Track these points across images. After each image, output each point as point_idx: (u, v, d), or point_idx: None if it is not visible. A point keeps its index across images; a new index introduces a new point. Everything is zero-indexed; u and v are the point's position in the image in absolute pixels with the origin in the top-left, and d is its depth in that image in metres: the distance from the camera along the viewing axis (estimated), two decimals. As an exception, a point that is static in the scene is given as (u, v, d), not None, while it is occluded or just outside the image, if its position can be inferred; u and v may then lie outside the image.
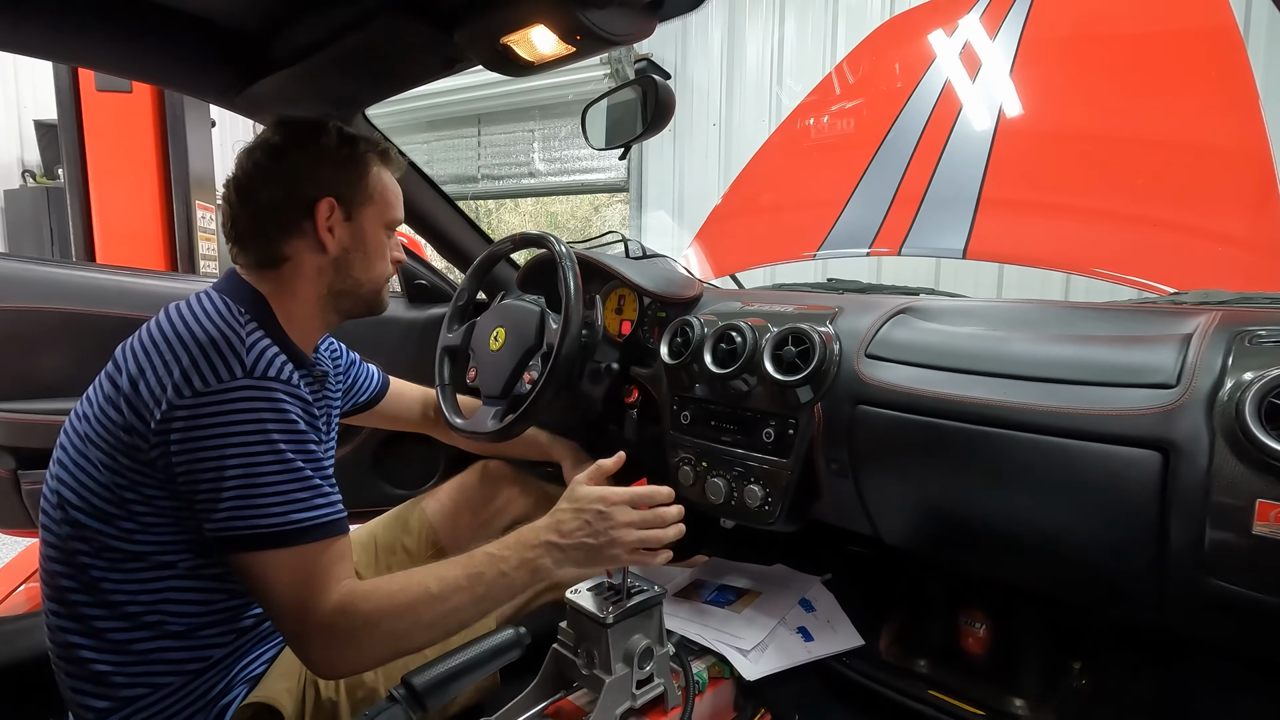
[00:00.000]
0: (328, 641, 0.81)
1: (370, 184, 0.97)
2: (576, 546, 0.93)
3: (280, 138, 0.94)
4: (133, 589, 0.84)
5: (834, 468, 1.07)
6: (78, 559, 0.84)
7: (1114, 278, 1.19)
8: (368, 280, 1.00)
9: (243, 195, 0.94)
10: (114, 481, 0.82)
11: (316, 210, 0.93)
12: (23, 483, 1.47)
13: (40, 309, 1.42)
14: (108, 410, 0.83)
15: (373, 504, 1.66)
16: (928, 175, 1.48)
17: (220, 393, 0.79)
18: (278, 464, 0.80)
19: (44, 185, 4.42)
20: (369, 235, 0.98)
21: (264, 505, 0.79)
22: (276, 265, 0.94)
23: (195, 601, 0.87)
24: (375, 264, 1.00)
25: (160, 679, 0.86)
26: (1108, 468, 0.77)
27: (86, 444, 0.84)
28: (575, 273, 1.24)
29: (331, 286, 0.97)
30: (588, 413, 1.44)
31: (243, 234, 0.94)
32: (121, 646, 0.85)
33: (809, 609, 1.25)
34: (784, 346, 1.09)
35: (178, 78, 1.14)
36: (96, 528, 0.83)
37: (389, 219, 1.01)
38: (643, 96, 1.12)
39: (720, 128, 4.34)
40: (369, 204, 0.98)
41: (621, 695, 0.92)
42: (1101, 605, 0.99)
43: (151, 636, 0.85)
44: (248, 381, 0.81)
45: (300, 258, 0.95)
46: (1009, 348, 0.94)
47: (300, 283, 0.95)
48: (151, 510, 0.82)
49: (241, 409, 0.79)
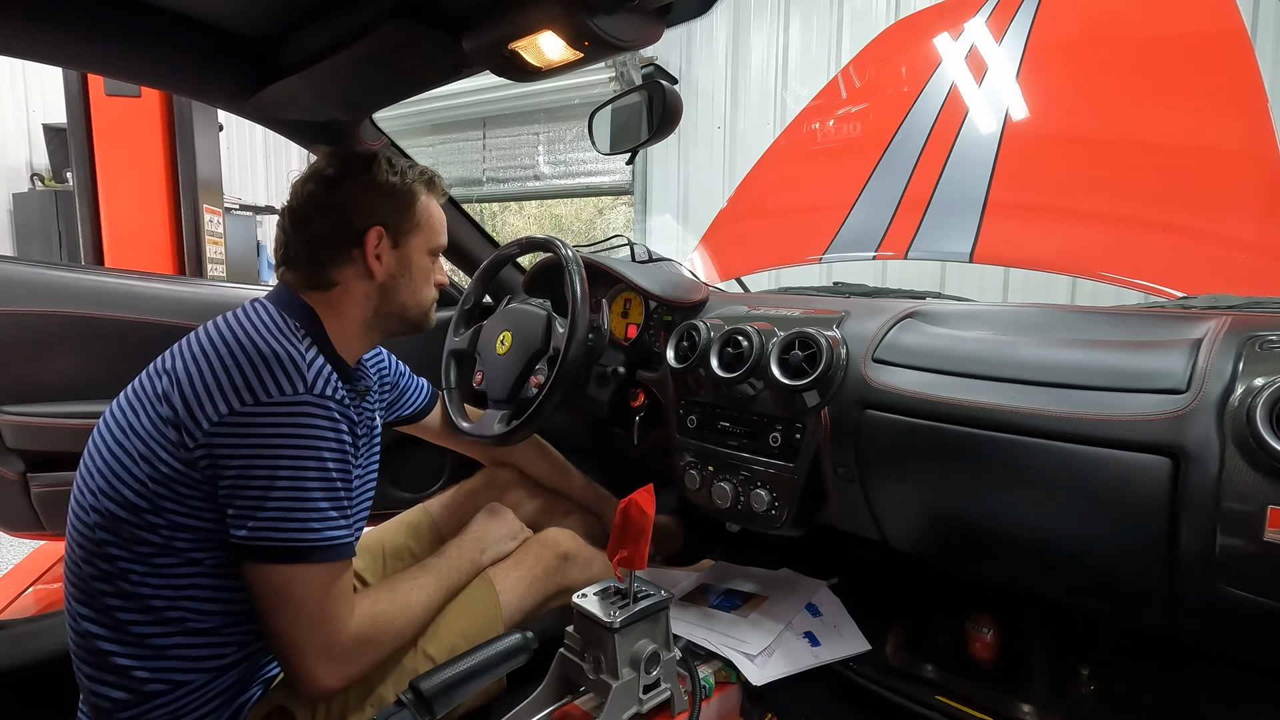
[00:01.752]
0: (344, 657, 0.87)
1: (418, 213, 1.02)
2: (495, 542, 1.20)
3: (333, 169, 0.99)
4: (158, 583, 0.85)
5: (841, 472, 1.06)
6: (106, 550, 0.86)
7: (1122, 281, 1.18)
8: (414, 304, 1.05)
9: (296, 223, 0.99)
10: (150, 475, 0.84)
11: (366, 239, 0.98)
12: (32, 486, 1.48)
13: (48, 313, 1.43)
14: (156, 405, 0.86)
15: (380, 507, 1.66)
16: (934, 179, 1.47)
17: (284, 405, 0.83)
18: (323, 482, 0.85)
19: (52, 189, 4.44)
20: (415, 261, 1.03)
21: (306, 519, 0.83)
22: (326, 288, 0.99)
23: (217, 600, 0.88)
24: (421, 288, 1.05)
25: (179, 675, 0.87)
26: (1117, 473, 0.77)
27: (127, 435, 0.86)
28: (582, 277, 1.24)
29: (378, 310, 1.02)
30: (593, 416, 1.44)
31: (295, 259, 0.99)
32: (143, 640, 0.86)
33: (815, 613, 1.25)
34: (790, 351, 1.09)
35: (187, 83, 1.15)
36: (127, 519, 0.85)
37: (434, 245, 1.06)
38: (649, 101, 1.12)
39: (725, 130, 4.35)
40: (415, 232, 1.03)
41: (628, 700, 0.92)
42: (1111, 610, 0.99)
43: (173, 632, 0.86)
44: (310, 398, 0.85)
45: (349, 283, 0.99)
46: (1016, 352, 0.94)
47: (348, 305, 1.00)
48: (183, 510, 0.84)
49: (302, 424, 0.84)
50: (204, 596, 0.87)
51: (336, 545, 0.85)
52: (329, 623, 0.85)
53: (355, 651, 0.88)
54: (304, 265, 0.99)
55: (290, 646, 0.85)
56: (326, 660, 0.85)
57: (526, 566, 1.17)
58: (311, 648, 0.84)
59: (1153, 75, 1.37)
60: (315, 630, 0.84)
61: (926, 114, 1.58)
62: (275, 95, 1.06)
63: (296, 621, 0.84)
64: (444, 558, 1.11)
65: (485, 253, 1.68)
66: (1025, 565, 0.95)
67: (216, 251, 2.85)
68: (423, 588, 1.02)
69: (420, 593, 1.01)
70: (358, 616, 0.88)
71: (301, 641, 0.84)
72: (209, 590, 0.88)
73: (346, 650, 0.87)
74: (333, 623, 0.85)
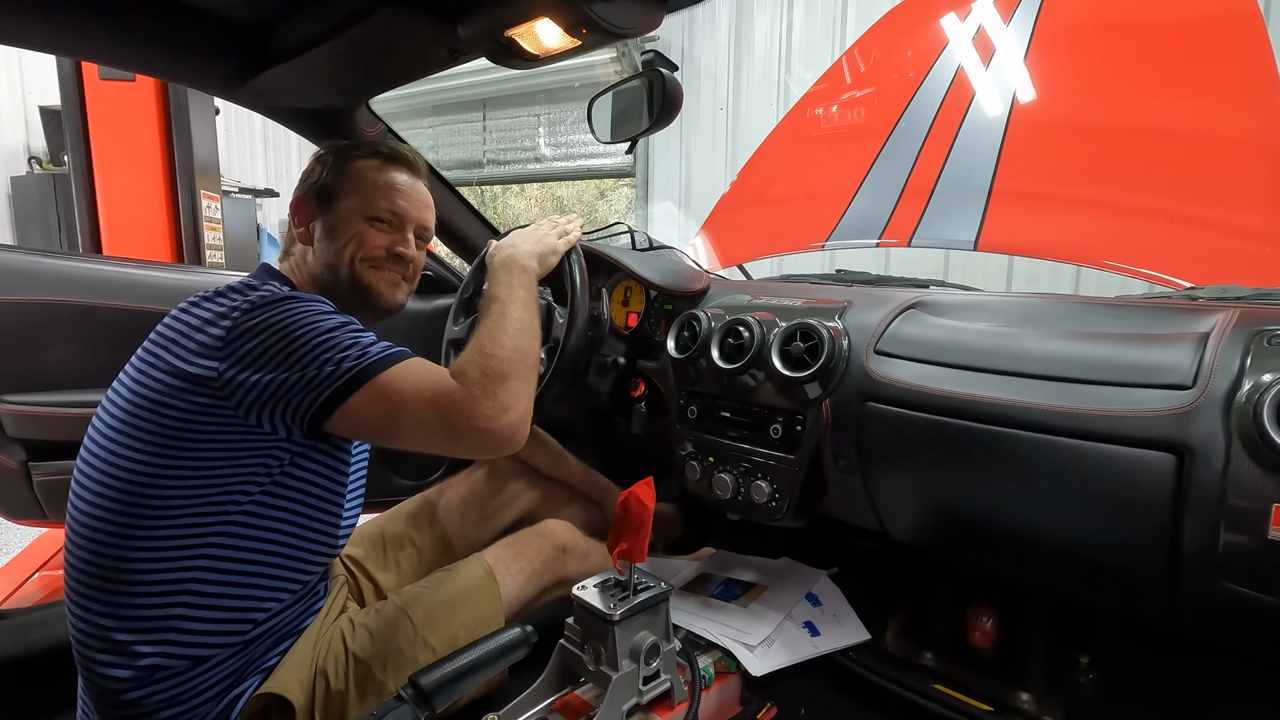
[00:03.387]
0: (472, 393, 0.87)
1: (351, 177, 1.04)
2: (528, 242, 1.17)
3: None
4: (160, 565, 0.86)
5: (842, 464, 1.06)
6: (107, 533, 0.86)
7: (1129, 271, 1.17)
8: (342, 266, 1.04)
9: None
10: (163, 447, 0.85)
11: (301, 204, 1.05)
12: (34, 474, 1.48)
13: (46, 301, 1.42)
14: (157, 366, 0.87)
15: (380, 494, 1.67)
16: (939, 165, 1.45)
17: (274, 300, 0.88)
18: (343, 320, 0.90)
19: (50, 172, 4.41)
20: (342, 224, 1.04)
21: (349, 345, 0.86)
22: (286, 258, 1.07)
23: (216, 590, 0.89)
24: (345, 250, 1.04)
25: (181, 650, 0.88)
26: (1120, 470, 0.76)
27: (130, 413, 0.87)
28: (582, 266, 1.23)
29: (314, 278, 1.05)
30: (594, 406, 1.43)
31: None
32: (142, 614, 0.86)
33: (815, 603, 1.25)
34: (792, 342, 1.08)
35: (181, 70, 1.13)
36: (130, 495, 0.85)
37: (370, 211, 1.05)
38: (649, 89, 1.10)
39: (728, 112, 4.30)
40: (346, 196, 1.04)
41: (628, 691, 0.93)
42: (1110, 603, 0.99)
43: (174, 604, 0.87)
44: (298, 293, 0.92)
45: (295, 248, 1.06)
46: (1020, 345, 0.93)
47: (295, 270, 1.05)
48: (195, 473, 0.85)
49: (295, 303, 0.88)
50: (204, 587, 0.88)
51: (388, 354, 0.87)
52: (438, 386, 0.87)
53: (471, 390, 0.87)
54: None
55: (436, 438, 0.88)
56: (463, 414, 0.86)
57: (527, 559, 1.17)
58: (447, 416, 0.86)
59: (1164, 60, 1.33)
60: (434, 403, 0.86)
61: (932, 98, 1.55)
62: (269, 82, 1.04)
63: (421, 409, 0.86)
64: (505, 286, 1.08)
65: (483, 238, 1.67)
66: (1026, 559, 0.95)
67: (215, 238, 2.82)
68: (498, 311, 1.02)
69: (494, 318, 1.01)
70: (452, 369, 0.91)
71: (436, 423, 0.86)
72: (209, 579, 0.88)
73: (466, 393, 0.87)
74: (440, 384, 0.87)
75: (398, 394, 0.86)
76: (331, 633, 1.00)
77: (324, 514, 0.98)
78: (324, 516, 0.98)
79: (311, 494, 0.95)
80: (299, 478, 0.94)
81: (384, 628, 1.01)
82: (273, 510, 0.92)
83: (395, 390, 0.86)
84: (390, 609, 1.04)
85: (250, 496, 0.89)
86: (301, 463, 0.93)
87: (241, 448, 0.87)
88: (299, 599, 0.98)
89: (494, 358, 0.92)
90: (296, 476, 0.93)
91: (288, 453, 0.90)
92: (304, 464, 0.94)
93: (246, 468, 0.88)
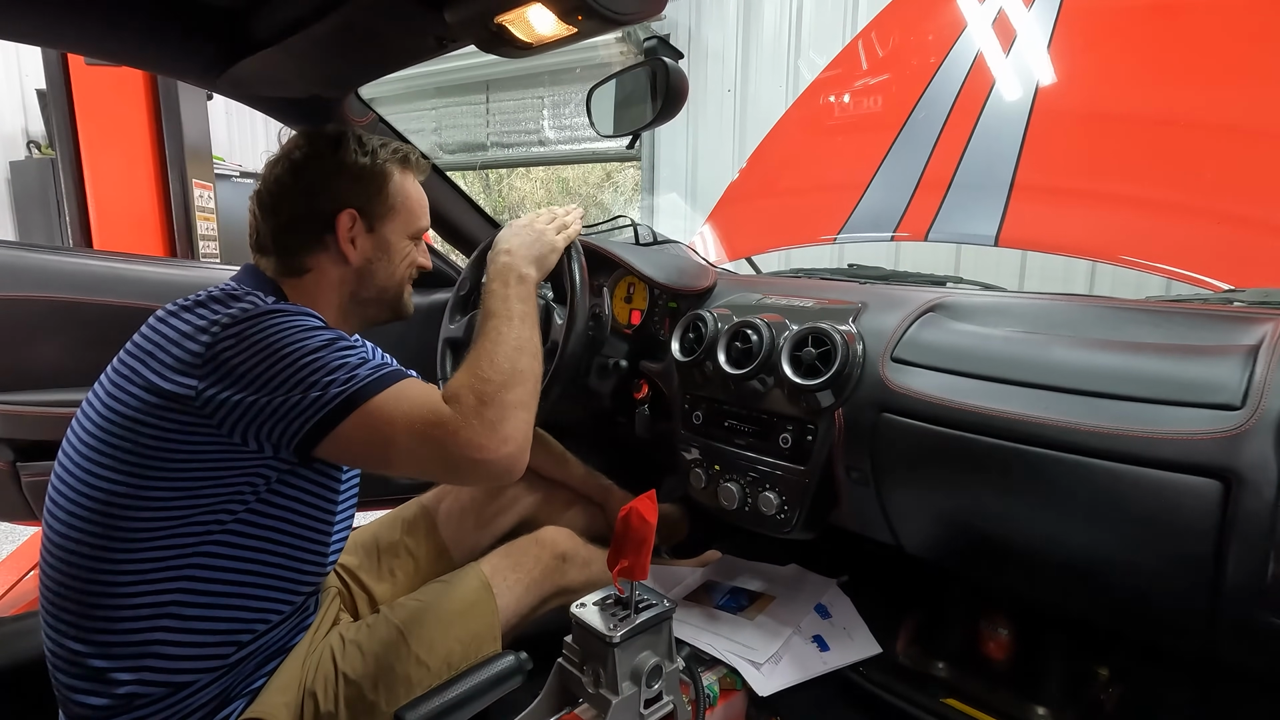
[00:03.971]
0: (466, 422, 0.82)
1: (392, 195, 0.98)
2: (525, 246, 1.07)
3: (300, 151, 0.95)
4: (138, 581, 0.82)
5: (855, 476, 1.01)
6: (84, 548, 0.82)
7: (1166, 272, 1.10)
8: (393, 287, 1.02)
9: (265, 209, 0.96)
10: (140, 467, 0.80)
11: (337, 223, 0.94)
12: (23, 475, 1.45)
13: (31, 298, 1.38)
14: (132, 381, 0.82)
15: (376, 494, 1.63)
16: (957, 156, 1.38)
17: (257, 314, 0.82)
18: (330, 340, 0.83)
19: (49, 156, 4.35)
20: (394, 245, 1.00)
21: (337, 369, 0.81)
22: (299, 274, 0.96)
23: (199, 614, 0.85)
24: (399, 272, 1.02)
25: (160, 677, 0.84)
26: (1159, 496, 0.71)
27: (106, 430, 0.82)
28: (581, 265, 1.17)
29: (355, 295, 0.99)
30: (595, 408, 1.38)
31: (265, 245, 0.96)
32: (122, 639, 0.82)
33: (825, 615, 1.21)
34: (803, 347, 1.03)
35: (156, 59, 1.07)
36: (107, 515, 0.81)
37: (414, 229, 1.02)
38: (652, 78, 1.03)
39: (735, 94, 4.19)
40: (391, 216, 0.99)
41: (628, 716, 0.88)
42: (1138, 633, 0.93)
43: (153, 629, 0.83)
44: (282, 305, 0.85)
45: (323, 268, 0.96)
46: (1048, 354, 0.87)
47: (322, 290, 0.97)
48: (175, 494, 0.81)
49: (278, 318, 0.83)
50: (187, 594, 0.84)
51: (386, 373, 0.82)
52: (430, 413, 0.81)
53: (467, 418, 0.82)
54: (275, 252, 0.95)
55: (426, 465, 0.83)
56: (455, 444, 0.81)
57: (525, 569, 1.13)
58: (439, 445, 0.81)
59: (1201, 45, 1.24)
60: (425, 433, 0.81)
61: (949, 86, 1.48)
62: (249, 70, 0.99)
63: (410, 438, 0.81)
64: (499, 297, 1.00)
65: (482, 232, 1.61)
66: (1049, 582, 0.90)
67: (208, 228, 2.76)
68: (493, 329, 0.95)
69: (490, 337, 0.94)
70: (445, 394, 0.85)
71: (426, 451, 0.81)
72: (191, 588, 0.84)
73: (460, 421, 0.81)
74: (433, 409, 0.82)
75: (388, 423, 0.80)
76: (321, 650, 0.96)
77: (314, 530, 0.94)
78: (314, 533, 0.94)
79: (300, 511, 0.91)
80: (286, 495, 0.89)
81: (376, 645, 0.97)
82: (259, 529, 0.87)
83: (385, 418, 0.80)
84: (383, 625, 1.00)
85: (234, 515, 0.85)
86: (289, 479, 0.89)
87: (224, 467, 0.82)
88: (287, 618, 0.94)
89: (490, 382, 0.86)
90: (283, 494, 0.89)
91: (274, 470, 0.86)
92: (292, 481, 0.89)
93: (230, 487, 0.83)
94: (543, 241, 1.10)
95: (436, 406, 0.83)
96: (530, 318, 0.99)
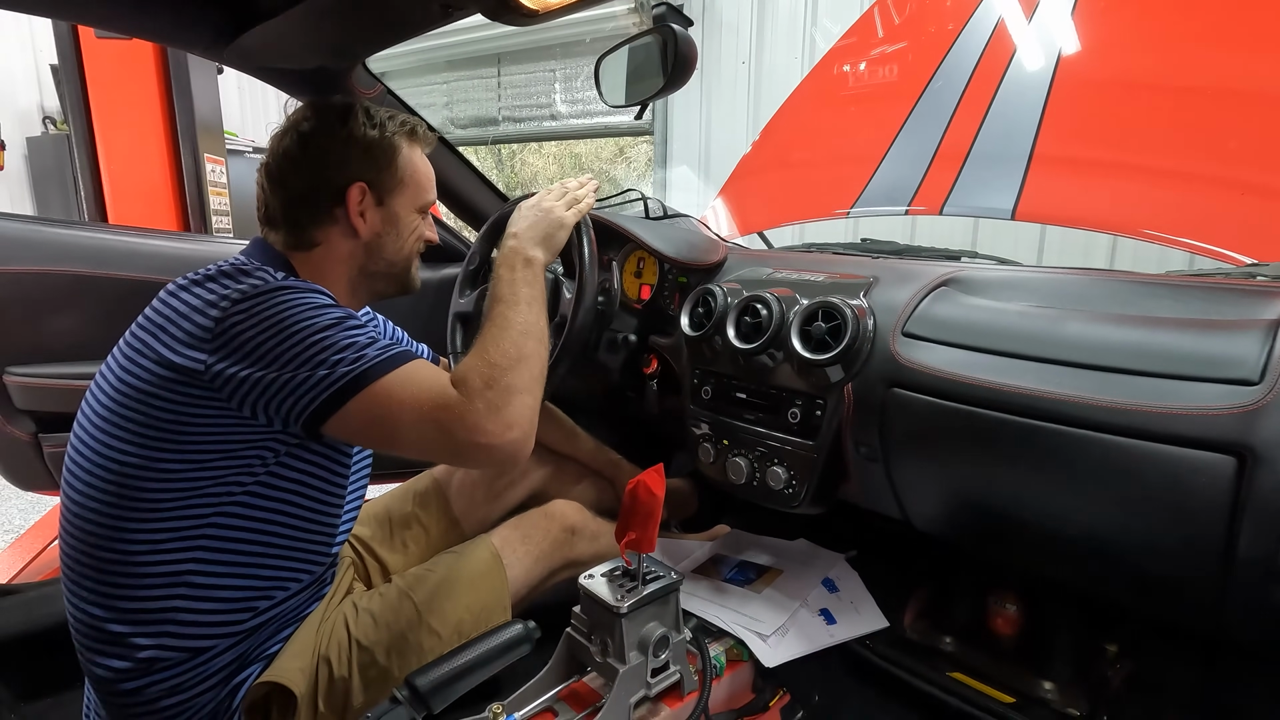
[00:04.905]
0: (474, 405, 0.83)
1: (400, 168, 0.98)
2: (532, 227, 1.06)
3: (308, 123, 0.94)
4: (154, 549, 0.83)
5: (864, 452, 1.00)
6: (97, 524, 0.84)
7: (1190, 246, 1.07)
8: (400, 260, 1.02)
9: (273, 182, 0.95)
10: (153, 439, 0.81)
11: (348, 196, 0.94)
12: (44, 445, 1.48)
13: (49, 272, 1.40)
14: (144, 354, 0.82)
15: (389, 466, 1.64)
16: (974, 127, 1.34)
17: (266, 291, 0.82)
18: (340, 320, 0.83)
19: (65, 132, 4.37)
20: (402, 219, 0.99)
21: (344, 350, 0.81)
22: (308, 248, 0.96)
23: (215, 577, 0.86)
24: (408, 245, 1.02)
25: (179, 643, 0.86)
26: (1173, 472, 0.70)
27: (118, 403, 0.83)
28: (590, 239, 1.16)
29: (364, 269, 0.99)
30: (605, 383, 1.38)
31: (274, 219, 0.96)
32: (139, 606, 0.84)
33: (832, 589, 1.21)
34: (813, 322, 1.02)
35: (163, 29, 1.06)
36: (119, 490, 0.82)
37: (421, 202, 1.02)
38: (662, 46, 1.01)
39: (750, 66, 4.12)
40: (400, 189, 0.98)
41: (636, 684, 0.90)
42: (1148, 608, 0.93)
43: (170, 597, 0.85)
44: (291, 281, 0.85)
45: (333, 241, 0.96)
46: (1063, 329, 0.85)
47: (331, 264, 0.97)
48: (187, 465, 0.82)
49: (289, 293, 0.83)
50: (202, 571, 0.85)
51: (393, 355, 0.83)
52: (438, 397, 0.82)
53: (474, 401, 0.83)
54: (284, 225, 0.95)
55: (432, 449, 0.85)
56: (463, 428, 0.82)
57: (534, 541, 1.14)
58: (447, 430, 0.82)
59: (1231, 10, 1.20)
60: (432, 417, 0.81)
61: (969, 54, 1.43)
62: (255, 41, 0.98)
63: (418, 422, 0.82)
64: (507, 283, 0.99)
65: (491, 206, 1.60)
66: (1059, 558, 0.89)
67: (220, 203, 2.76)
68: (505, 318, 0.94)
69: (506, 324, 0.93)
70: (453, 377, 0.85)
71: (433, 436, 0.82)
72: (207, 565, 0.86)
73: (468, 405, 0.82)
74: (440, 393, 0.82)
75: (395, 404, 0.81)
76: (335, 618, 0.98)
77: (325, 501, 0.95)
78: (325, 505, 0.95)
79: (310, 484, 0.92)
80: (297, 468, 0.90)
81: (388, 613, 0.99)
82: (270, 500, 0.89)
83: (393, 399, 0.81)
84: (394, 593, 1.02)
85: (245, 487, 0.86)
86: (299, 453, 0.90)
87: (235, 439, 0.83)
88: (306, 587, 0.96)
89: (496, 366, 0.87)
90: (294, 467, 0.90)
91: (283, 444, 0.87)
92: (302, 454, 0.90)
93: (241, 459, 0.85)
94: (550, 220, 1.08)
95: (444, 389, 0.83)
96: (538, 301, 0.98)
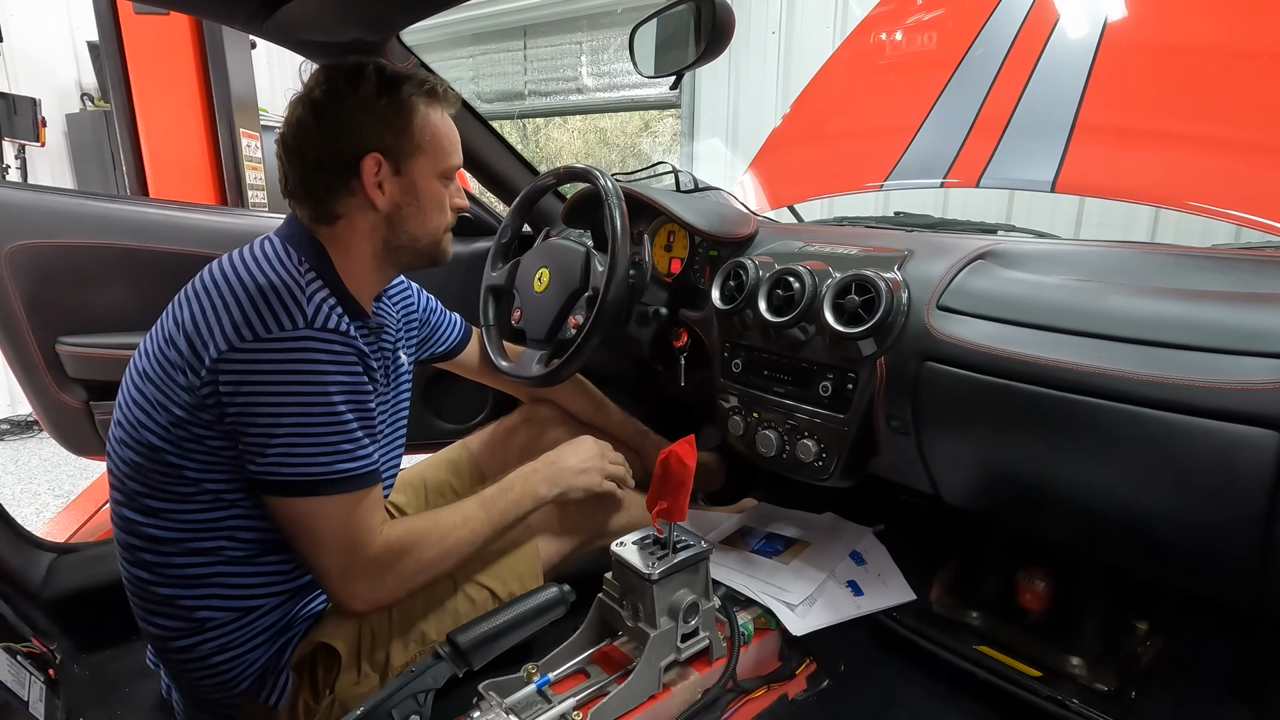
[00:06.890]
0: (373, 575, 0.87)
1: (417, 132, 0.92)
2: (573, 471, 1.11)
3: (320, 89, 0.89)
4: (191, 522, 0.87)
5: (895, 425, 1.00)
6: (139, 494, 0.87)
7: (1237, 218, 1.03)
8: (425, 234, 0.97)
9: (290, 153, 0.92)
10: (169, 420, 0.84)
11: (362, 168, 0.90)
12: (95, 413, 1.53)
13: (94, 245, 1.44)
14: (166, 351, 0.85)
15: (422, 437, 1.68)
16: (1015, 96, 1.30)
17: (282, 340, 0.80)
18: (329, 415, 0.82)
19: (102, 109, 4.44)
20: (422, 188, 0.94)
21: (313, 454, 0.82)
22: (331, 222, 0.93)
23: (253, 540, 0.90)
24: (432, 216, 0.97)
25: (225, 603, 0.90)
26: (1214, 446, 0.69)
27: (145, 381, 0.87)
28: (622, 212, 1.16)
29: (387, 243, 0.96)
30: (635, 356, 1.39)
31: (295, 191, 0.93)
32: (183, 573, 0.88)
33: (859, 561, 1.22)
34: (846, 295, 1.01)
35: (201, 3, 1.08)
36: (153, 465, 0.86)
37: (444, 168, 0.96)
38: (696, 15, 1.00)
39: (780, 35, 4.03)
40: (418, 154, 0.93)
41: (666, 649, 0.92)
42: (1185, 584, 0.92)
43: (213, 562, 0.89)
44: (309, 332, 0.81)
45: (353, 216, 0.93)
46: (1103, 303, 0.84)
47: (354, 239, 0.94)
48: (203, 449, 0.84)
49: (302, 359, 0.81)
50: (240, 536, 0.89)
51: (352, 476, 0.84)
52: (350, 548, 0.85)
53: (376, 573, 0.88)
54: (304, 199, 0.92)
55: (316, 570, 0.88)
56: (349, 581, 0.87)
57: (566, 512, 1.16)
58: (333, 571, 0.86)
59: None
60: (336, 555, 0.85)
61: (1011, 20, 1.39)
62: (294, 14, 0.99)
63: (318, 548, 0.85)
64: (503, 490, 1.04)
65: (522, 180, 1.61)
66: (1094, 534, 0.89)
67: (256, 177, 2.80)
68: (468, 521, 0.97)
69: (464, 527, 0.97)
70: (384, 537, 0.88)
71: (324, 564, 0.86)
72: (244, 531, 0.89)
73: (368, 570, 0.87)
74: (354, 547, 0.85)
75: (321, 519, 0.84)
76: (375, 580, 1.01)
77: None
78: None
79: None
80: None
81: None
82: None
83: (322, 515, 0.84)
84: (431, 558, 1.05)
85: None
86: None
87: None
88: None
89: (425, 563, 0.92)
90: None
91: None
92: None
93: None
94: (587, 477, 1.13)
95: (367, 539, 0.86)
96: (508, 517, 1.03)
